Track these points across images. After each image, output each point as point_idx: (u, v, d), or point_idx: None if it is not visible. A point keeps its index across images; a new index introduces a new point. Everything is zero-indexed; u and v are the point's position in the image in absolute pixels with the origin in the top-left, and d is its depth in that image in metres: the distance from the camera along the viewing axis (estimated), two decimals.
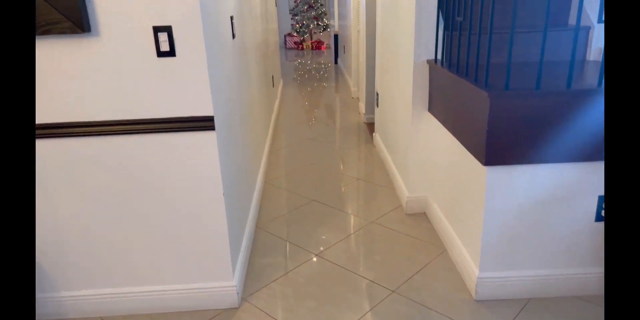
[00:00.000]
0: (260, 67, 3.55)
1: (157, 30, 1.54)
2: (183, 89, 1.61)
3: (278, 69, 5.86)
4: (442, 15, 2.25)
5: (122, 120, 1.63)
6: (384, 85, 3.35)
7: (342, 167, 3.43)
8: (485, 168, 1.71)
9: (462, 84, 1.87)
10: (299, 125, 4.56)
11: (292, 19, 10.32)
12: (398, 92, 2.81)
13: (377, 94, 3.66)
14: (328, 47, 10.58)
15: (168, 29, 1.54)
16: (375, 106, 3.77)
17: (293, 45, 10.50)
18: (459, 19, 1.91)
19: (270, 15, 4.90)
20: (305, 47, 10.35)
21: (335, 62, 8.25)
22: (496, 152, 1.66)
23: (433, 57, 2.37)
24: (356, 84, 5.48)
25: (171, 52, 1.57)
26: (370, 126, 4.36)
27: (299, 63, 8.81)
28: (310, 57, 9.51)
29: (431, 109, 2.41)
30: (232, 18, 2.16)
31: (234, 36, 2.19)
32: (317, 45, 10.23)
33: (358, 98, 5.44)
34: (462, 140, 1.92)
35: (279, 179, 3.23)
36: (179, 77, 1.60)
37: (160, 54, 1.56)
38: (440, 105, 2.24)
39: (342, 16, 6.94)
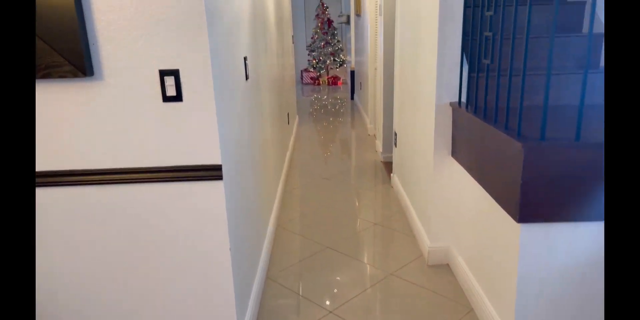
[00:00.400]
0: (275, 106, 3.46)
1: (163, 73, 1.44)
2: (189, 135, 1.49)
3: (294, 105, 5.81)
4: (467, 57, 2.14)
5: (124, 169, 1.51)
6: (403, 125, 3.22)
7: (358, 209, 3.27)
8: (518, 225, 1.54)
9: (490, 131, 1.73)
10: (314, 163, 4.44)
11: (309, 54, 10.41)
12: (418, 134, 2.68)
13: (395, 134, 3.53)
14: (344, 83, 10.60)
15: (175, 73, 1.44)
16: (394, 146, 3.63)
17: (309, 81, 10.54)
18: (486, 61, 1.80)
19: (286, 51, 4.88)
20: (321, 82, 10.38)
21: (352, 98, 8.21)
22: (531, 208, 1.49)
23: (456, 99, 2.25)
24: (373, 121, 5.38)
25: (178, 97, 1.46)
26: (388, 165, 4.21)
27: (315, 98, 8.80)
28: (327, 92, 9.50)
29: (455, 154, 2.26)
30: (245, 59, 2.07)
31: (247, 77, 2.10)
32: (334, 81, 10.25)
33: (375, 135, 5.32)
34: (492, 191, 1.76)
35: (293, 222, 3.07)
36: (186, 123, 1.48)
37: (167, 98, 1.46)
38: (466, 151, 2.09)
39: (359, 52, 6.95)
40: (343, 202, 3.41)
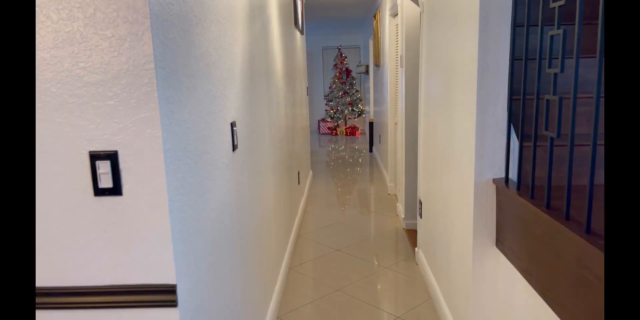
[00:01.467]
0: (282, 168, 3.02)
1: (95, 157, 1.00)
2: (129, 242, 1.04)
3: (307, 160, 5.39)
4: (518, 123, 1.68)
5: (38, 289, 1.05)
6: (430, 195, 2.73)
7: (377, 296, 2.72)
8: None
9: (557, 229, 1.23)
10: (326, 231, 3.93)
11: (326, 104, 10.14)
12: (451, 212, 2.18)
13: (421, 202, 3.03)
14: (362, 133, 10.23)
15: (112, 157, 1.00)
16: (418, 216, 3.12)
17: (327, 131, 10.21)
18: (551, 134, 1.32)
19: (299, 104, 4.51)
20: (339, 132, 10.03)
21: (370, 151, 7.78)
22: None
23: (501, 175, 1.77)
24: (393, 180, 4.90)
25: (115, 190, 1.02)
26: (411, 234, 3.68)
27: (332, 149, 8.40)
28: (344, 142, 9.12)
29: (501, 245, 1.75)
30: (233, 125, 1.64)
31: (235, 147, 1.66)
32: (352, 131, 9.89)
33: (396, 196, 4.82)
34: (561, 312, 1.24)
35: (297, 313, 2.54)
36: (125, 225, 1.03)
37: (99, 191, 1.02)
38: (516, 245, 1.58)
39: (378, 103, 6.60)
40: (359, 286, 2.86)
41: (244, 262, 1.78)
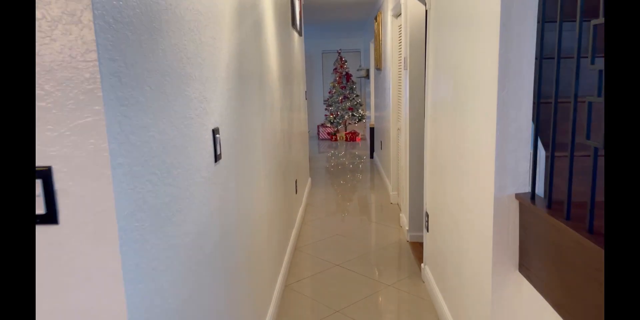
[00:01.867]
0: (277, 177, 2.79)
1: None
2: (68, 284, 0.81)
3: (305, 167, 5.16)
4: (548, 139, 1.46)
5: None
6: (438, 208, 2.50)
7: (380, 319, 2.49)
8: None
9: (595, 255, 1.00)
10: (325, 243, 3.69)
11: (326, 109, 9.92)
12: (465, 230, 1.95)
13: (427, 215, 2.80)
14: (363, 139, 10.01)
15: (44, 175, 0.78)
16: (425, 229, 2.89)
17: (326, 136, 9.99)
18: (594, 143, 1.09)
19: (297, 109, 4.29)
20: (339, 138, 9.81)
21: (371, 157, 7.55)
22: None
23: (525, 190, 1.54)
24: (396, 188, 4.66)
25: (49, 217, 0.79)
26: (416, 248, 3.44)
27: (332, 155, 8.18)
28: (344, 148, 8.90)
29: (525, 270, 1.52)
30: (216, 131, 1.41)
31: (217, 158, 1.43)
32: (352, 137, 9.67)
33: (398, 205, 4.59)
34: None
35: None
36: (63, 261, 0.80)
37: None
38: (547, 274, 1.35)
39: (379, 108, 6.39)
40: (361, 306, 2.63)
41: (229, 289, 1.54)
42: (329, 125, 9.85)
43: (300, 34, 4.70)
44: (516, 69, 1.50)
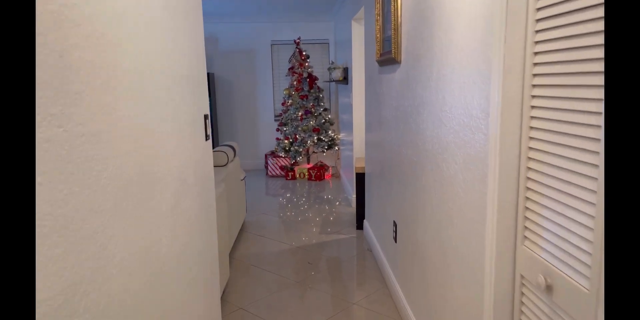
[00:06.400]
0: None
1: None
2: None
3: (213, 263, 1.70)
4: None
5: None
6: None
7: None
8: None
9: None
10: None
11: (277, 130, 6.47)
12: None
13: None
14: (335, 176, 6.59)
15: None
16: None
17: (278, 172, 6.52)
18: None
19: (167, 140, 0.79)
20: (297, 175, 6.34)
21: (359, 226, 4.10)
22: None
23: None
24: None
25: None
26: None
27: (285, 208, 4.73)
28: (307, 193, 5.48)
29: None
30: None
31: None
32: (318, 173, 6.21)
33: None
34: None
35: None
36: None
37: None
38: None
39: (375, 129, 3.01)
40: None
41: None
42: (282, 155, 6.35)
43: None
44: None
